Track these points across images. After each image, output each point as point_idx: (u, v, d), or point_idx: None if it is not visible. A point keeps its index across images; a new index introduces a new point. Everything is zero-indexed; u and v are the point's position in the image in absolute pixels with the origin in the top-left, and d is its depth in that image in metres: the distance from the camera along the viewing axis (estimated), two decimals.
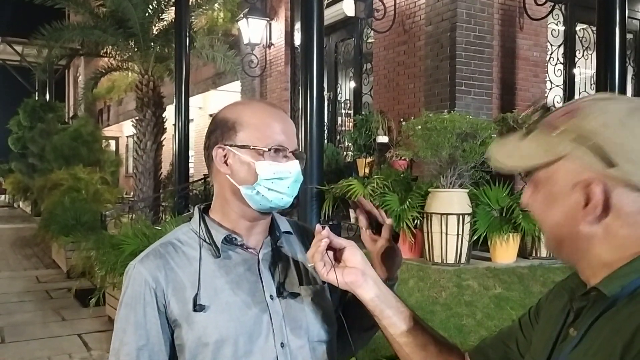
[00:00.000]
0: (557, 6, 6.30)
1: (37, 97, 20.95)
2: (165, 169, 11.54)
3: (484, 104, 6.08)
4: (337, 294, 1.20)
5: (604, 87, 3.81)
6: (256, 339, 1.05)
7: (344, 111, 8.67)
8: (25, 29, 13.77)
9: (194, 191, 9.37)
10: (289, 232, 1.19)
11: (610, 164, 0.72)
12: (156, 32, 10.43)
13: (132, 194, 12.98)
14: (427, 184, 4.46)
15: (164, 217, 8.42)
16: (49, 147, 14.67)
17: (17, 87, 23.12)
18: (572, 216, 0.76)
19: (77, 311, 6.06)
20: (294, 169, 1.09)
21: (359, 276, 1.02)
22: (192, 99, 9.10)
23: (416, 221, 4.25)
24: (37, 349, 4.82)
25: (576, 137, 0.75)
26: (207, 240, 1.11)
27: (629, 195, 0.73)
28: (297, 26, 8.13)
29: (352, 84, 8.37)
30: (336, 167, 7.38)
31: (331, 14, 7.46)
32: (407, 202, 4.29)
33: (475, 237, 4.19)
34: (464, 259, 4.13)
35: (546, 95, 6.78)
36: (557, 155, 0.77)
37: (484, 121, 4.53)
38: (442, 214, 4.07)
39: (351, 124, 7.94)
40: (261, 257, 1.12)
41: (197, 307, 1.04)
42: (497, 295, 3.83)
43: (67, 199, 9.55)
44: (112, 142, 20.55)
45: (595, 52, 4.39)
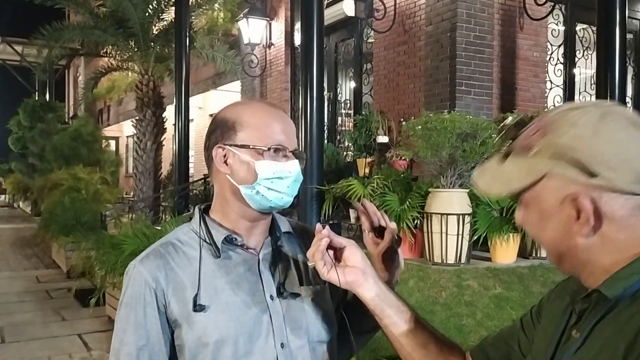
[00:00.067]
0: (557, 6, 6.29)
1: (37, 97, 20.96)
2: (165, 169, 11.54)
3: (484, 104, 6.08)
4: (338, 294, 1.20)
5: (604, 87, 3.81)
6: (256, 339, 1.05)
7: (344, 111, 8.66)
8: (25, 29, 13.77)
9: (194, 191, 9.37)
10: (289, 233, 1.18)
11: (591, 175, 0.72)
12: (156, 32, 10.43)
13: (132, 194, 12.97)
14: (427, 184, 4.46)
15: (164, 217, 8.42)
16: (49, 147, 14.66)
17: (17, 87, 23.13)
18: (567, 230, 0.76)
19: (77, 311, 6.06)
20: (293, 169, 1.09)
21: (359, 275, 1.02)
22: (192, 99, 9.10)
23: (416, 221, 4.25)
24: (37, 349, 4.82)
25: (553, 154, 0.75)
26: (208, 240, 1.11)
27: (617, 200, 0.73)
28: (297, 26, 8.13)
29: (352, 84, 8.36)
30: (336, 167, 7.38)
31: (331, 14, 7.46)
32: (407, 202, 4.29)
33: (475, 237, 4.19)
34: (464, 259, 4.12)
35: (546, 95, 6.79)
36: (538, 174, 0.77)
37: (484, 121, 4.52)
38: (442, 214, 4.07)
39: (351, 124, 7.94)
40: (261, 257, 1.12)
41: (197, 307, 1.04)
42: (497, 295, 3.83)
43: (67, 199, 9.56)
44: (112, 142, 20.55)
45: (595, 52, 4.39)
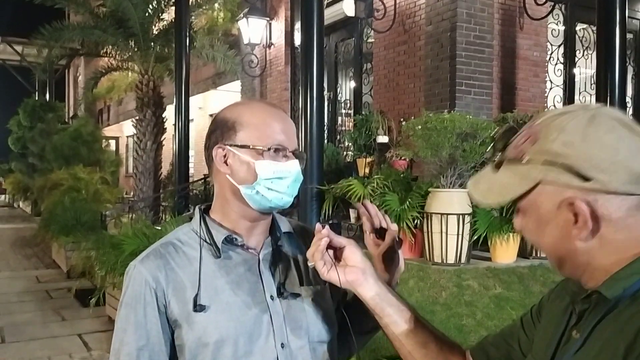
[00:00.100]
0: (557, 6, 6.29)
1: (37, 97, 20.96)
2: (165, 169, 11.54)
3: (484, 104, 6.08)
4: (338, 293, 1.20)
5: (604, 87, 3.81)
6: (256, 339, 1.05)
7: (344, 111, 8.66)
8: (25, 29, 13.77)
9: (194, 191, 9.37)
10: (289, 233, 1.18)
11: (585, 179, 0.73)
12: (156, 32, 10.43)
13: (132, 194, 12.97)
14: (427, 184, 4.46)
15: (164, 217, 8.42)
16: (49, 147, 14.67)
17: (17, 87, 23.12)
18: (566, 235, 0.77)
19: (77, 311, 6.06)
20: (293, 169, 1.09)
21: (359, 275, 1.02)
22: (192, 99, 9.10)
23: (416, 221, 4.25)
24: (37, 349, 4.82)
25: (545, 161, 0.76)
26: (208, 240, 1.11)
27: (613, 201, 0.74)
28: (297, 26, 8.13)
29: (352, 84, 8.36)
30: (336, 167, 7.38)
31: (331, 14, 7.46)
32: (407, 202, 4.29)
33: (475, 237, 4.19)
34: (464, 259, 4.12)
35: (546, 95, 6.79)
36: (532, 182, 0.78)
37: (484, 121, 4.52)
38: (442, 214, 4.07)
39: (351, 124, 7.94)
40: (262, 258, 1.12)
41: (198, 307, 1.04)
42: (497, 295, 3.83)
43: (67, 199, 9.55)
44: (112, 142, 20.53)
45: (595, 52, 4.39)
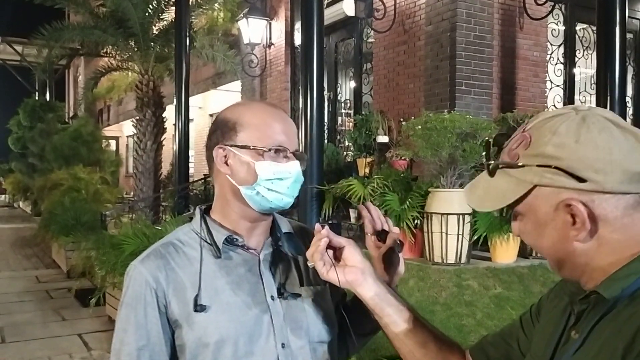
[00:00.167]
0: (557, 6, 6.30)
1: (37, 97, 20.93)
2: (165, 169, 11.54)
3: (484, 104, 6.08)
4: (338, 294, 1.20)
5: (604, 87, 3.81)
6: (257, 339, 1.05)
7: (344, 111, 8.67)
8: (25, 29, 13.76)
9: (194, 191, 9.37)
10: (289, 233, 1.18)
11: (580, 180, 0.74)
12: (156, 32, 10.42)
13: (132, 194, 12.98)
14: (427, 184, 4.46)
15: (164, 217, 8.42)
16: (49, 147, 14.66)
17: (17, 87, 23.11)
18: (564, 236, 0.77)
19: (77, 311, 6.06)
20: (294, 170, 1.09)
21: (358, 275, 1.02)
22: (192, 99, 9.10)
23: (416, 221, 4.25)
24: (37, 349, 4.82)
25: (539, 164, 0.76)
26: (208, 240, 1.11)
27: (609, 201, 0.74)
28: (297, 26, 8.13)
29: (352, 84, 8.36)
30: (336, 167, 7.38)
31: (331, 14, 7.46)
32: (407, 202, 4.29)
33: (475, 237, 4.19)
34: (464, 259, 4.13)
35: (546, 95, 6.79)
36: (528, 185, 0.78)
37: (484, 121, 4.52)
38: (442, 214, 4.07)
39: (351, 123, 7.94)
40: (262, 258, 1.12)
41: (198, 307, 1.04)
42: (497, 295, 3.83)
43: (67, 199, 9.55)
44: (112, 142, 20.55)
45: (595, 52, 4.39)
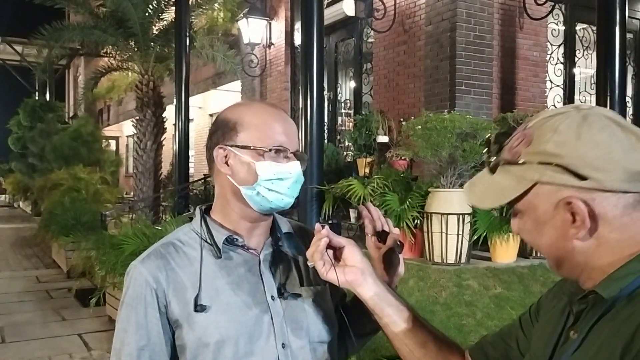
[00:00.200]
0: (557, 6, 6.29)
1: (37, 97, 20.95)
2: (165, 169, 11.54)
3: (484, 104, 6.08)
4: (338, 294, 1.20)
5: (604, 87, 3.81)
6: (257, 339, 1.05)
7: (344, 111, 8.67)
8: (25, 29, 13.76)
9: (194, 191, 9.37)
10: (290, 233, 1.19)
11: (581, 178, 0.74)
12: (156, 32, 10.42)
13: (132, 194, 12.97)
14: (427, 184, 4.46)
15: (164, 217, 8.42)
16: (49, 147, 14.66)
17: (17, 87, 23.12)
18: (563, 234, 0.77)
19: (77, 311, 6.07)
20: (294, 170, 1.09)
21: (358, 275, 1.02)
22: (192, 99, 9.10)
23: (416, 221, 4.25)
24: (38, 349, 4.82)
25: (540, 162, 0.77)
26: (209, 240, 1.11)
27: (609, 200, 0.74)
28: (297, 26, 8.13)
29: (352, 84, 8.36)
30: (336, 167, 7.38)
31: (331, 14, 7.46)
32: (407, 202, 4.29)
33: (475, 237, 4.19)
34: (464, 259, 4.12)
35: (546, 95, 6.79)
36: (529, 182, 0.78)
37: (484, 121, 4.52)
38: (442, 214, 4.07)
39: (351, 123, 7.94)
40: (262, 258, 1.12)
41: (198, 307, 1.04)
42: (497, 295, 3.83)
43: (67, 199, 9.56)
44: (112, 142, 20.55)
45: (595, 52, 4.39)
